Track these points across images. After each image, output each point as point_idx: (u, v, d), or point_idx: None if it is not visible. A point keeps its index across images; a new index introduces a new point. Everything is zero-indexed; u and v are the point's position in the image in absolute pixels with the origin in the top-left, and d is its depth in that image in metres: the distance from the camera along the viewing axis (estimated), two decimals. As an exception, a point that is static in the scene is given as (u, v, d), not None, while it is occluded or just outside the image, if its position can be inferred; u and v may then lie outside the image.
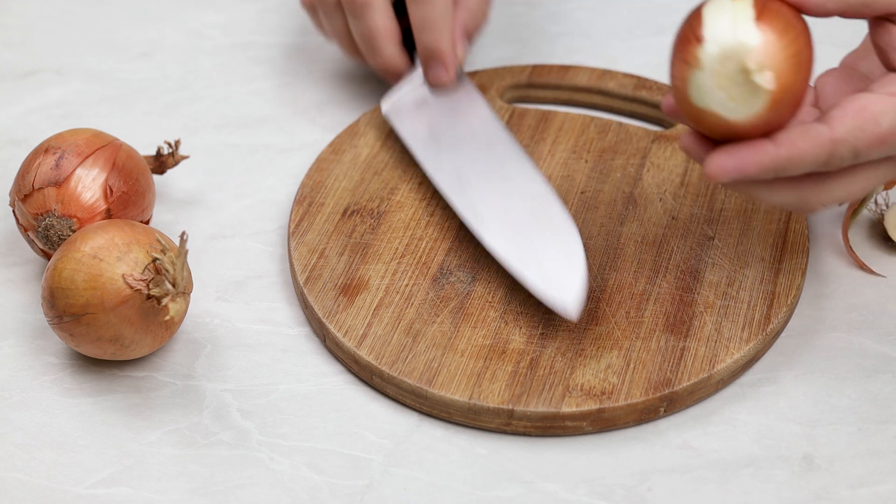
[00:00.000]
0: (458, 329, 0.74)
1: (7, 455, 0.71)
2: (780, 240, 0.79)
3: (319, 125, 0.90)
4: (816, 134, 0.64)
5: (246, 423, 0.72)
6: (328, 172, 0.83)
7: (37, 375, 0.75)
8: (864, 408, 0.72)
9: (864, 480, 0.69)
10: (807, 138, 0.64)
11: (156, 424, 0.72)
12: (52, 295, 0.71)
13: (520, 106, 0.88)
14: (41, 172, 0.76)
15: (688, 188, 0.82)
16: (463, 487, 0.69)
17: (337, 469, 0.70)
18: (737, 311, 0.75)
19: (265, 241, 0.82)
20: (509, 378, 0.72)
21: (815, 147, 0.64)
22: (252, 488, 0.69)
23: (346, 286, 0.76)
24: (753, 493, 0.69)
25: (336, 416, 0.72)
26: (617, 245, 0.79)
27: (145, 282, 0.70)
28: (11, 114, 0.91)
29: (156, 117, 0.90)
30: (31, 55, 0.95)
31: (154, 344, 0.73)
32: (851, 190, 0.67)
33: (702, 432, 0.71)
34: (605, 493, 0.69)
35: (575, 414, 0.71)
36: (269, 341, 0.76)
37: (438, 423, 0.72)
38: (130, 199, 0.77)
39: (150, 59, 0.95)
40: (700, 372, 0.72)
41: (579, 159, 0.84)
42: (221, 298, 0.79)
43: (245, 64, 0.94)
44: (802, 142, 0.64)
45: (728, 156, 0.64)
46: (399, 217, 0.80)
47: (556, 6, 0.99)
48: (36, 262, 0.81)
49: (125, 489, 0.69)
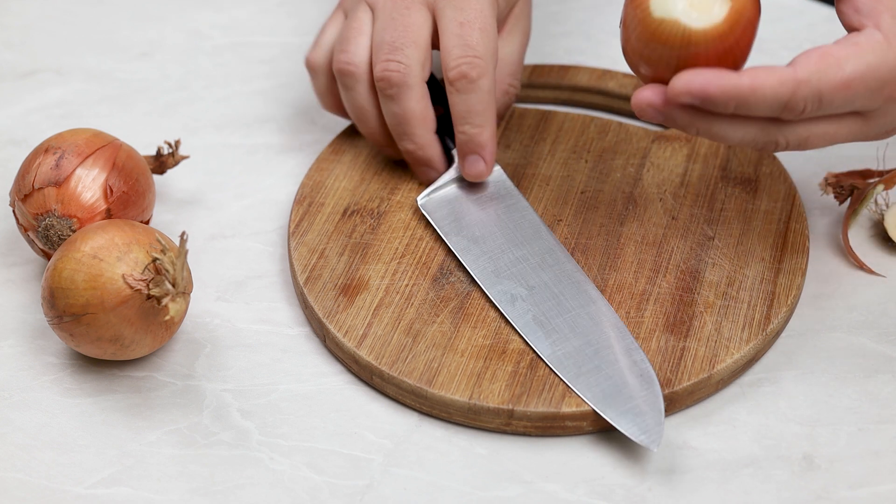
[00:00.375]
0: (458, 329, 0.74)
1: (7, 455, 0.71)
2: (780, 240, 0.79)
3: (319, 125, 0.90)
4: (780, 72, 0.66)
5: (246, 423, 0.72)
6: (328, 172, 0.83)
7: (37, 375, 0.75)
8: (864, 408, 0.72)
9: (864, 480, 0.69)
10: (770, 74, 0.66)
11: (156, 424, 0.72)
12: (52, 295, 0.71)
13: (520, 106, 0.88)
14: (41, 172, 0.76)
15: (688, 188, 0.82)
16: (463, 487, 0.69)
17: (337, 469, 0.70)
18: (737, 311, 0.75)
19: (265, 241, 0.82)
20: (509, 378, 0.72)
21: (779, 84, 0.65)
22: (252, 488, 0.69)
23: (346, 286, 0.76)
24: (753, 493, 0.69)
25: (336, 416, 0.72)
26: (617, 245, 0.79)
27: (145, 282, 0.70)
28: (11, 114, 0.91)
29: (156, 117, 0.90)
30: (31, 55, 0.95)
31: (154, 344, 0.73)
32: (814, 132, 0.68)
33: (702, 432, 0.71)
34: (605, 493, 0.69)
35: (575, 414, 0.71)
36: (269, 341, 0.76)
37: (438, 423, 0.72)
38: (130, 199, 0.77)
39: (150, 59, 0.95)
40: (700, 372, 0.72)
41: (579, 159, 0.84)
42: (221, 298, 0.79)
43: (245, 64, 0.94)
44: (766, 77, 0.65)
45: (694, 74, 0.66)
46: (399, 217, 0.80)
47: (556, 6, 0.99)
48: (36, 262, 0.81)
49: (125, 489, 0.69)
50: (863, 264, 0.79)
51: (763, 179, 0.82)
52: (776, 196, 0.81)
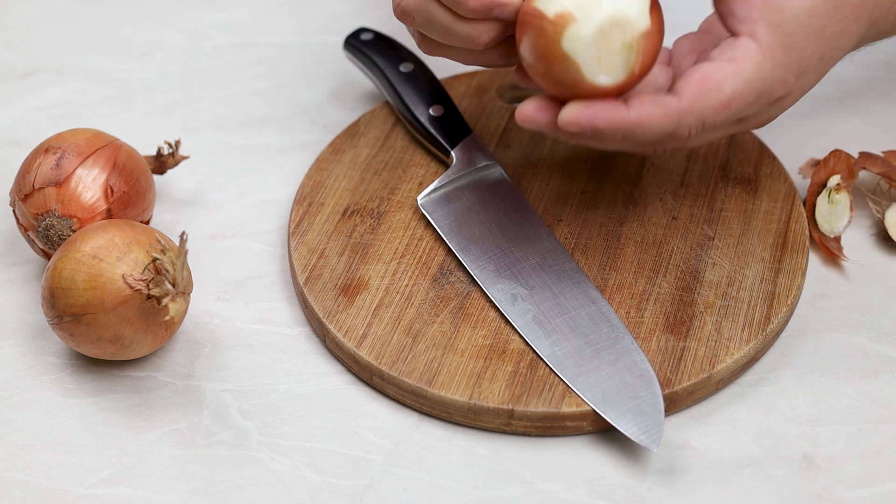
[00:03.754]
0: (458, 329, 0.74)
1: (7, 455, 0.71)
2: (780, 240, 0.79)
3: (319, 125, 0.90)
4: (665, 104, 0.67)
5: (246, 423, 0.72)
6: (328, 172, 0.83)
7: (37, 375, 0.75)
8: (864, 408, 0.72)
9: (864, 480, 0.69)
10: (656, 106, 0.67)
11: (156, 424, 0.72)
12: (52, 295, 0.71)
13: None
14: (41, 172, 0.76)
15: (688, 188, 0.82)
16: (463, 487, 0.69)
17: (337, 469, 0.70)
18: (737, 311, 0.75)
19: (265, 241, 0.82)
20: (509, 378, 0.72)
21: (664, 116, 0.67)
22: (252, 488, 0.69)
23: (346, 286, 0.76)
24: (753, 493, 0.69)
25: (336, 416, 0.72)
26: (617, 245, 0.79)
27: (145, 282, 0.70)
28: (11, 114, 0.91)
29: (156, 117, 0.90)
30: (31, 55, 0.95)
31: (154, 344, 0.73)
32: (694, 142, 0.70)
33: (702, 432, 0.71)
34: (605, 493, 0.69)
35: (575, 414, 0.71)
36: (269, 341, 0.76)
37: (438, 423, 0.72)
38: (131, 199, 0.77)
39: (150, 59, 0.95)
40: (700, 372, 0.72)
41: (579, 159, 0.84)
42: (221, 298, 0.79)
43: (245, 64, 0.94)
44: (652, 109, 0.67)
45: (583, 107, 0.67)
46: (399, 217, 0.80)
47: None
48: (36, 262, 0.81)
49: (125, 489, 0.69)
50: (833, 254, 0.79)
51: (763, 179, 0.82)
52: (776, 196, 0.81)
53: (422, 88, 0.85)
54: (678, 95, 0.67)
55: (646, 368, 0.71)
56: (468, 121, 0.86)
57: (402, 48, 0.88)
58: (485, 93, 0.88)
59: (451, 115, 0.84)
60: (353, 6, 0.98)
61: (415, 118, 0.84)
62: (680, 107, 0.67)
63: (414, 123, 0.84)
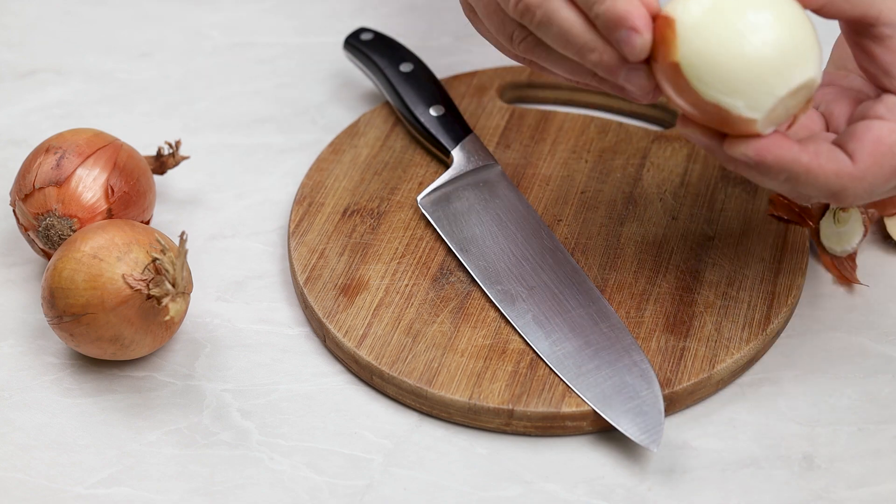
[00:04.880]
0: (458, 329, 0.74)
1: (7, 455, 0.71)
2: (780, 240, 0.79)
3: (319, 125, 0.90)
4: (840, 161, 0.64)
5: (246, 423, 0.72)
6: (328, 172, 0.83)
7: (37, 375, 0.75)
8: (864, 408, 0.72)
9: (864, 480, 0.69)
10: (830, 160, 0.64)
11: (156, 424, 0.72)
12: (52, 295, 0.71)
13: (520, 106, 0.88)
14: (42, 172, 0.76)
15: (688, 188, 0.82)
16: (463, 487, 0.69)
17: (337, 469, 0.70)
18: (737, 311, 0.75)
19: (265, 241, 0.82)
20: (509, 378, 0.72)
21: (834, 175, 0.64)
22: (252, 488, 0.69)
23: (346, 286, 0.76)
24: (753, 493, 0.69)
25: (336, 416, 0.72)
26: (617, 245, 0.79)
27: (145, 282, 0.70)
28: (11, 114, 0.91)
29: (156, 117, 0.90)
30: (31, 55, 0.95)
31: (154, 344, 0.73)
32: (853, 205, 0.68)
33: (702, 432, 0.71)
34: (605, 493, 0.69)
35: (575, 414, 0.71)
36: (269, 341, 0.76)
37: (438, 423, 0.72)
38: (131, 199, 0.77)
39: (150, 59, 0.95)
40: (700, 372, 0.72)
41: (579, 159, 0.84)
42: (221, 298, 0.79)
43: (245, 64, 0.94)
44: (826, 161, 0.64)
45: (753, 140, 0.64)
46: (399, 217, 0.80)
47: (556, 6, 0.99)
48: (36, 262, 0.81)
49: (125, 489, 0.69)
50: (843, 278, 0.78)
51: (763, 179, 0.82)
52: (776, 196, 0.81)
53: (422, 88, 0.85)
54: (853, 158, 0.64)
55: (646, 368, 0.71)
56: (468, 121, 0.86)
57: (402, 48, 0.88)
58: (485, 93, 0.88)
59: (451, 115, 0.84)
60: (353, 6, 0.98)
61: (415, 118, 0.84)
62: (853, 172, 0.64)
63: (414, 123, 0.84)
